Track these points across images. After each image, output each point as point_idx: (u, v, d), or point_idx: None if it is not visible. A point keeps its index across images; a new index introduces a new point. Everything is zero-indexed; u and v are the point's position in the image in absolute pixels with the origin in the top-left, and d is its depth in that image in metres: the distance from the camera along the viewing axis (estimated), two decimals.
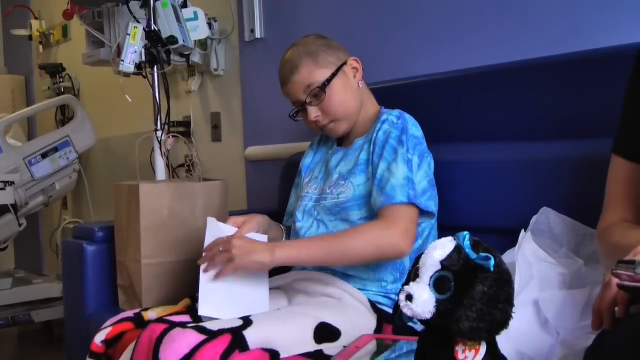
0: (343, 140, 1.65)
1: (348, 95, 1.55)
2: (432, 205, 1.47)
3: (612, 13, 1.51)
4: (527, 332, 1.08)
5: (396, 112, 1.53)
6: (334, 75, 1.52)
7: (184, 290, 1.68)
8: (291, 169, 1.77)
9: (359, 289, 1.43)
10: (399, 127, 1.47)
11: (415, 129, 1.50)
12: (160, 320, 1.27)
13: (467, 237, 0.93)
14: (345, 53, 1.58)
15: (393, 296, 1.43)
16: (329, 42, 1.58)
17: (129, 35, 2.19)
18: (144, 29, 2.21)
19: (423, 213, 1.45)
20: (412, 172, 1.42)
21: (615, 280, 0.79)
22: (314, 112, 1.53)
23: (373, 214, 1.46)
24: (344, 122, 1.56)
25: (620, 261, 0.78)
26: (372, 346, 1.18)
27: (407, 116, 1.52)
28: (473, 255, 0.91)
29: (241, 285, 1.39)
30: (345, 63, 1.56)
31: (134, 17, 2.26)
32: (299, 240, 1.46)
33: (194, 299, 1.48)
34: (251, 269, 1.36)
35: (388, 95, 1.65)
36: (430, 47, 1.90)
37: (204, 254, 1.39)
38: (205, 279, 1.37)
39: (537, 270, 1.18)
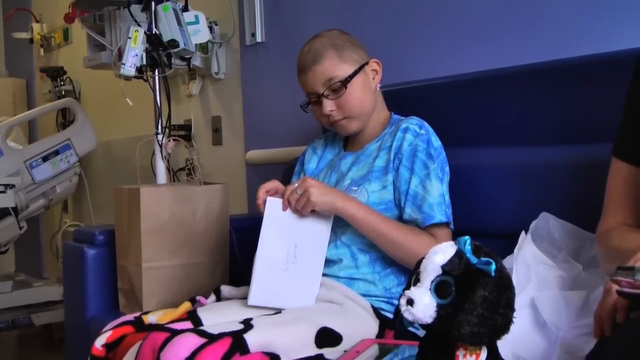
0: (348, 144, 1.65)
1: (366, 95, 1.54)
2: (452, 222, 1.48)
3: (611, 19, 1.52)
4: (523, 335, 1.09)
5: (415, 119, 1.52)
6: (356, 72, 1.52)
7: (185, 293, 1.69)
8: (292, 173, 1.77)
9: (363, 295, 1.43)
10: (425, 139, 1.48)
11: (435, 139, 1.51)
12: (161, 328, 1.27)
13: (468, 241, 0.93)
14: (366, 53, 1.58)
15: (397, 301, 1.43)
16: (352, 38, 1.57)
17: (130, 38, 2.19)
18: (145, 32, 2.21)
19: None
20: (443, 187, 1.45)
21: (615, 287, 0.79)
22: (329, 106, 1.52)
23: None
24: (356, 121, 1.55)
25: (619, 267, 0.78)
26: (373, 350, 1.18)
27: (427, 124, 1.52)
28: (474, 260, 0.91)
29: (294, 277, 1.41)
30: (367, 63, 1.56)
31: (135, 21, 2.25)
32: (369, 207, 1.45)
33: (194, 302, 1.48)
34: (322, 209, 1.40)
35: (388, 99, 1.65)
36: (428, 51, 1.91)
37: (284, 199, 1.40)
38: (260, 269, 1.38)
39: (535, 272, 1.18)
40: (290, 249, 1.40)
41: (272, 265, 1.39)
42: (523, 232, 1.29)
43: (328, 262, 1.47)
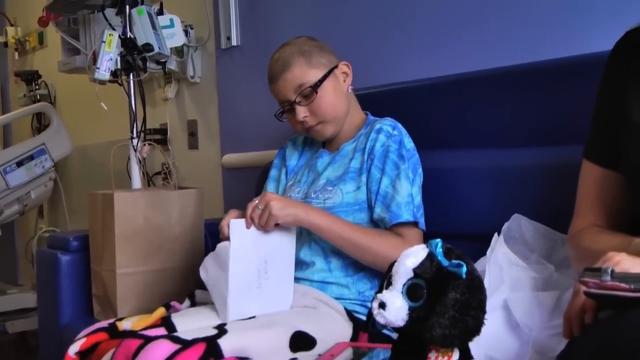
0: (326, 144, 1.65)
1: (338, 98, 1.55)
2: (424, 223, 1.48)
3: (581, 22, 1.53)
4: (496, 336, 1.09)
5: (389, 120, 1.53)
6: (325, 76, 1.53)
7: (159, 299, 1.67)
8: (266, 176, 1.76)
9: (336, 298, 1.43)
10: (397, 140, 1.48)
11: (408, 140, 1.52)
12: (135, 335, 1.26)
13: (440, 244, 0.93)
14: (335, 56, 1.59)
15: (370, 304, 1.43)
16: (320, 44, 1.59)
17: (105, 42, 2.18)
18: (119, 36, 2.20)
19: None
20: (413, 188, 1.46)
21: (583, 288, 0.80)
22: (302, 112, 1.53)
23: (360, 222, 1.47)
24: (331, 125, 1.55)
25: (586, 269, 0.79)
26: (347, 354, 1.18)
27: (400, 126, 1.53)
28: (445, 263, 0.91)
29: (267, 291, 1.39)
30: (336, 66, 1.57)
31: (110, 24, 2.24)
32: (333, 215, 1.45)
33: (169, 308, 1.47)
34: (285, 222, 1.38)
35: (363, 102, 1.66)
36: (402, 55, 1.91)
37: (246, 216, 1.38)
38: (234, 291, 1.35)
39: (507, 273, 1.19)
40: (261, 266, 1.39)
41: (246, 285, 1.37)
42: (496, 234, 1.29)
43: (301, 265, 1.47)
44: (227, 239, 1.37)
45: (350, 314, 1.40)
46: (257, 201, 1.38)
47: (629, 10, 1.47)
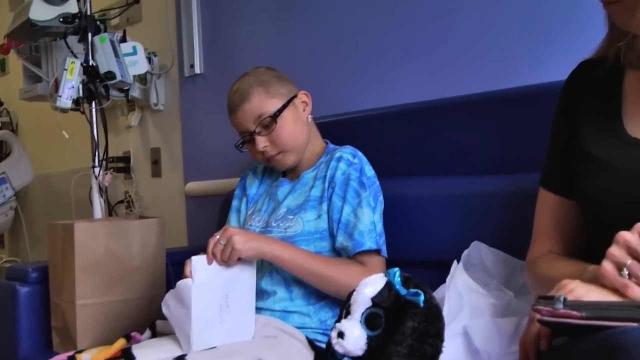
0: (286, 172, 1.65)
1: (297, 127, 1.56)
2: (385, 251, 1.49)
3: (539, 52, 1.57)
4: None
5: (349, 149, 1.54)
6: (285, 106, 1.54)
7: (121, 330, 1.64)
8: (230, 204, 1.76)
9: (298, 327, 1.42)
10: (358, 168, 1.49)
11: (368, 168, 1.52)
12: None
13: (398, 273, 0.94)
14: (295, 86, 1.60)
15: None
16: (279, 74, 1.60)
17: (66, 70, 2.17)
18: (81, 63, 2.19)
19: None
20: (374, 215, 1.46)
21: (537, 316, 0.81)
22: (262, 142, 1.53)
23: (321, 250, 1.47)
24: (291, 154, 1.56)
25: (540, 297, 0.80)
26: None
27: (360, 154, 1.54)
28: (403, 292, 0.92)
29: (229, 325, 1.37)
30: (295, 96, 1.58)
31: (72, 52, 2.23)
32: (294, 246, 1.44)
33: (130, 339, 1.45)
34: (248, 256, 1.36)
35: (323, 131, 1.67)
36: (362, 83, 1.93)
37: (207, 252, 1.35)
38: (197, 329, 1.32)
39: (467, 300, 1.20)
40: (223, 301, 1.36)
41: (208, 321, 1.34)
42: (455, 262, 1.30)
43: (263, 294, 1.46)
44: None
45: (311, 342, 1.40)
46: (218, 236, 1.36)
47: (584, 41, 1.51)
